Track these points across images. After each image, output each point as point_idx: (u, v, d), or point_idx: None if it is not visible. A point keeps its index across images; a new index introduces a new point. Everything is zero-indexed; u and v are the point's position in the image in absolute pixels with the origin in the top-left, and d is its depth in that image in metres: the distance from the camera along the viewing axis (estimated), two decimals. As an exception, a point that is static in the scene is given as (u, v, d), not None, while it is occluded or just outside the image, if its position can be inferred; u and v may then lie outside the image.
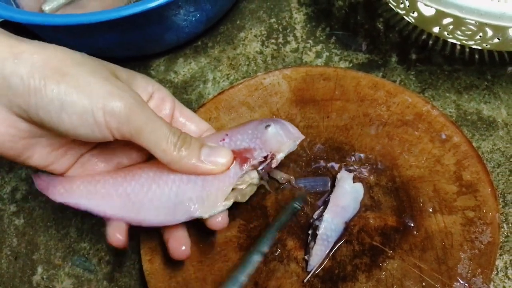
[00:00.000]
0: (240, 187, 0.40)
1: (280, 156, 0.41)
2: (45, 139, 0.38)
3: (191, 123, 0.44)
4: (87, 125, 0.34)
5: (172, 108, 0.43)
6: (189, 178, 0.39)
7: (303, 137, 0.42)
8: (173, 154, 0.37)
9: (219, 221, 0.40)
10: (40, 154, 0.38)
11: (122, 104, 0.34)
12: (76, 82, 0.34)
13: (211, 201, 0.39)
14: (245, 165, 0.39)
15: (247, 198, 0.41)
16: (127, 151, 0.42)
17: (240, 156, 0.39)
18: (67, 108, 0.34)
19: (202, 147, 0.38)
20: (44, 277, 0.48)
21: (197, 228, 0.46)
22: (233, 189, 0.39)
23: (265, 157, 0.40)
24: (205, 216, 0.39)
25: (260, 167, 0.40)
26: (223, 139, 0.40)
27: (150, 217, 0.39)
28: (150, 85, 0.42)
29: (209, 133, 0.43)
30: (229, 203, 0.39)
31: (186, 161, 0.37)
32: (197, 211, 0.38)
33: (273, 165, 0.40)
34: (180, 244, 0.40)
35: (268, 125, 0.41)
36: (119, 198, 0.39)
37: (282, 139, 0.41)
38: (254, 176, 0.40)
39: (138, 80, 0.41)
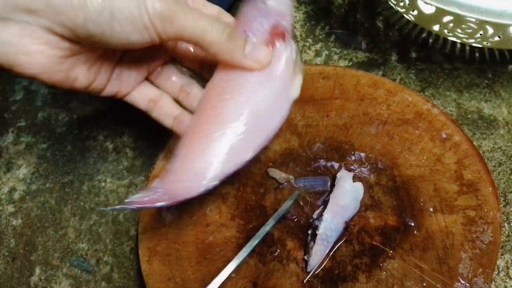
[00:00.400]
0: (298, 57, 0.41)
1: (293, 18, 0.42)
2: (82, 55, 0.38)
3: (203, 5, 0.43)
4: (138, 30, 0.34)
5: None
6: (266, 78, 0.39)
7: None
8: (220, 45, 0.37)
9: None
10: (83, 73, 0.38)
11: (165, 4, 0.34)
12: None
13: (294, 83, 0.40)
14: (287, 38, 0.40)
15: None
16: (152, 54, 0.42)
17: (277, 37, 0.40)
18: (117, 16, 0.33)
19: (246, 43, 0.38)
20: (42, 278, 0.48)
21: (197, 228, 0.46)
22: None
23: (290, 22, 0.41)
24: (297, 91, 0.41)
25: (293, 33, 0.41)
26: (247, 36, 0.40)
27: (268, 124, 0.40)
28: None
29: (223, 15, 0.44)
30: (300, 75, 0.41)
31: (231, 55, 0.38)
32: (292, 90, 0.40)
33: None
34: None
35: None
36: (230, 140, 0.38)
37: (283, 1, 0.41)
38: (293, 44, 0.41)
39: None
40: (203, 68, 0.44)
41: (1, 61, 0.35)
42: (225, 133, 0.38)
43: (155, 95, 0.43)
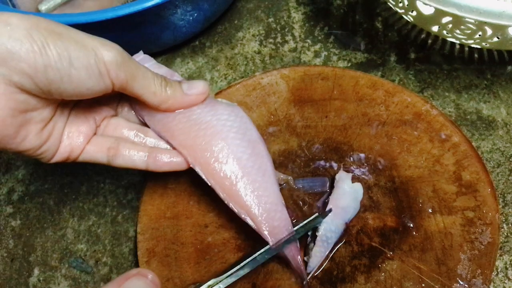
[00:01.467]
0: None
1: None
2: (38, 112, 0.37)
3: None
4: (94, 76, 0.36)
5: None
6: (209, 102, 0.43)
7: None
8: (162, 94, 0.40)
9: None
10: (34, 133, 0.37)
11: (116, 53, 0.36)
12: (72, 38, 0.35)
13: None
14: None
15: None
16: (98, 108, 0.43)
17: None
18: (75, 62, 0.34)
19: (181, 84, 0.41)
20: (41, 279, 0.48)
21: (195, 229, 0.45)
22: None
23: None
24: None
25: None
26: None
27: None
28: None
29: None
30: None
31: (174, 99, 0.40)
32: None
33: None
34: None
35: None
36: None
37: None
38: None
39: None
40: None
41: None
42: (243, 167, 0.41)
43: (112, 142, 0.42)
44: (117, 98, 0.44)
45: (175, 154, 0.42)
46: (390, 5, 0.56)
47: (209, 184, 0.41)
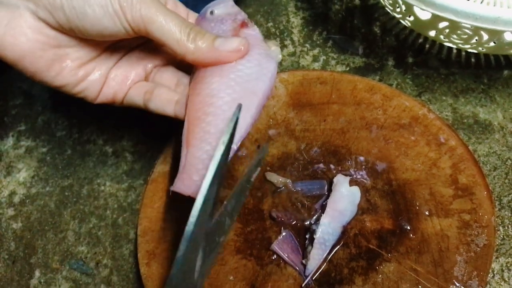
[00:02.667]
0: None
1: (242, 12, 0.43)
2: (74, 50, 0.39)
3: None
4: (108, 15, 0.36)
5: (186, 13, 0.44)
6: (246, 60, 0.40)
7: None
8: (187, 44, 0.37)
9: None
10: (69, 69, 0.39)
11: None
12: None
13: (272, 49, 0.41)
14: (248, 24, 0.42)
15: None
16: (149, 56, 0.43)
17: (240, 27, 0.41)
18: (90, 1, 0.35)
19: (216, 38, 0.38)
20: (42, 281, 0.49)
21: (194, 231, 0.46)
22: None
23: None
24: (279, 56, 0.42)
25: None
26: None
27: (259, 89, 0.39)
28: None
29: None
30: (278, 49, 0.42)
31: (200, 51, 0.38)
32: (275, 56, 0.41)
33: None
34: None
35: (212, 11, 0.42)
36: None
37: (227, 7, 0.43)
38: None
39: None
40: None
41: None
42: (217, 107, 0.38)
43: (149, 87, 0.42)
44: None
45: None
46: (388, 10, 0.57)
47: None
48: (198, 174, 0.37)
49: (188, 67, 0.42)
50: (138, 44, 0.43)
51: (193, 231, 0.33)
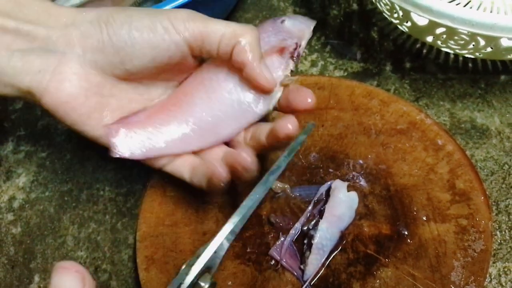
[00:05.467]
0: (286, 74, 0.43)
1: (304, 43, 0.44)
2: (116, 100, 0.39)
3: None
4: (158, 34, 0.37)
5: None
6: (242, 87, 0.41)
7: (315, 21, 0.45)
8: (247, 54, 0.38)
9: (289, 126, 0.40)
10: (110, 119, 0.40)
11: (182, 11, 0.38)
12: (140, 9, 0.38)
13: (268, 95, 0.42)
14: (285, 53, 0.42)
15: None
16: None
17: (277, 48, 0.43)
18: (136, 23, 0.36)
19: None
20: (41, 285, 0.49)
21: (194, 237, 0.46)
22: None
23: (296, 44, 0.43)
24: (270, 107, 0.42)
25: (295, 54, 0.43)
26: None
27: (225, 129, 0.42)
28: None
29: None
30: (281, 88, 0.42)
31: (246, 60, 0.39)
32: (261, 107, 0.42)
33: (301, 52, 0.44)
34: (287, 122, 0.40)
35: (283, 20, 0.44)
36: (185, 127, 0.41)
37: (300, 26, 0.44)
38: (291, 63, 0.43)
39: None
40: None
41: (33, 89, 0.37)
42: (183, 120, 0.41)
43: (197, 162, 0.42)
44: None
45: None
46: (386, 16, 0.58)
47: None
48: (130, 143, 0.41)
49: None
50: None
51: None
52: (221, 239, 0.37)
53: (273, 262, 0.45)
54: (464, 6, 0.59)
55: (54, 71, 0.37)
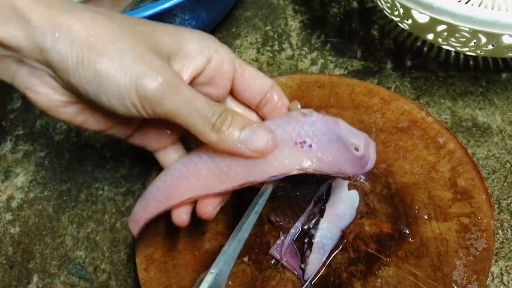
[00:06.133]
0: None
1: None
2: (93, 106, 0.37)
3: (254, 79, 0.42)
4: (124, 105, 0.34)
5: (232, 69, 0.40)
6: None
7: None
8: (211, 136, 0.35)
9: None
10: (93, 120, 0.38)
11: (154, 87, 0.33)
12: (111, 62, 0.33)
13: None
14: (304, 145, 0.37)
15: None
16: (159, 135, 0.42)
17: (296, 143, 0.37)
18: (104, 89, 0.34)
19: (244, 129, 0.36)
20: (40, 286, 0.48)
21: (193, 236, 0.46)
22: None
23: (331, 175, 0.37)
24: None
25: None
26: (303, 143, 0.37)
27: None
28: (206, 48, 0.39)
29: (275, 91, 0.42)
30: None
31: (223, 145, 0.36)
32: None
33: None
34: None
35: (357, 149, 0.37)
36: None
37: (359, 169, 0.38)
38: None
39: (188, 47, 0.38)
40: None
41: (18, 88, 0.36)
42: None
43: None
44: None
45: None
46: (386, 13, 0.57)
47: None
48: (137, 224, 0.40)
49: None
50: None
51: None
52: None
53: (273, 261, 0.44)
54: (466, 3, 0.59)
55: (29, 81, 0.36)
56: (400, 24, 0.57)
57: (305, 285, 0.43)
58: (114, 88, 0.33)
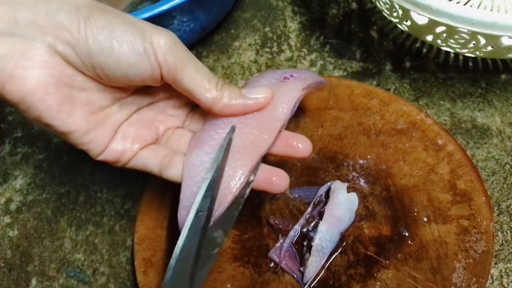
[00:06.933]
0: None
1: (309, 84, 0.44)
2: (86, 94, 0.36)
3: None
4: (138, 53, 0.34)
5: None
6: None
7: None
8: (216, 92, 0.37)
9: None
10: (80, 113, 0.36)
11: (167, 36, 0.35)
12: (121, 15, 0.35)
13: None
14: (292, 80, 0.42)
15: None
16: (163, 118, 0.41)
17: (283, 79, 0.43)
18: (118, 34, 0.34)
19: (242, 89, 0.40)
20: (38, 289, 0.48)
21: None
22: None
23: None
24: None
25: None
26: (287, 78, 0.43)
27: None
28: None
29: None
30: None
31: (229, 98, 0.38)
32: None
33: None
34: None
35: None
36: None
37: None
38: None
39: None
40: None
41: None
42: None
43: (168, 152, 0.40)
44: (187, 110, 0.43)
45: None
46: (385, 15, 0.57)
47: None
48: (185, 210, 0.38)
49: None
50: (149, 102, 0.41)
51: (182, 249, 0.35)
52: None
53: (272, 264, 0.44)
54: (464, 4, 0.59)
55: (20, 57, 0.33)
56: (399, 26, 0.57)
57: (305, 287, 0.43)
58: (128, 34, 0.34)
